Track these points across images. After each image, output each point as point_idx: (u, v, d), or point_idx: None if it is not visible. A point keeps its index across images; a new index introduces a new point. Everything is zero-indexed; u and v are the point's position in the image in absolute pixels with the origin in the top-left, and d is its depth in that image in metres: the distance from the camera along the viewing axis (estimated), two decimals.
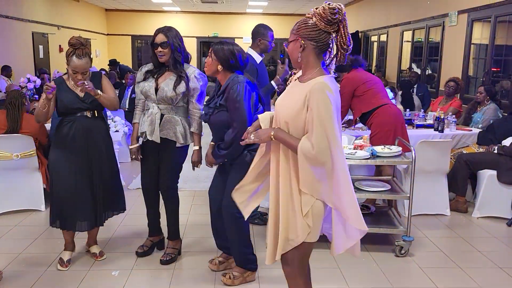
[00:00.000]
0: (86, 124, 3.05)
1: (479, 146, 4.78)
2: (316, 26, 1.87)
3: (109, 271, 3.15)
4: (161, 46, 2.97)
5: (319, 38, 1.89)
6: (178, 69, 3.04)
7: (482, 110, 5.34)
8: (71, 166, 3.04)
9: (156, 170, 3.23)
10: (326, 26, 1.87)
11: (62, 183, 3.03)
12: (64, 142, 3.04)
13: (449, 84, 5.75)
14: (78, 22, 13.36)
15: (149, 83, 3.08)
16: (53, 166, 3.09)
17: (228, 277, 2.97)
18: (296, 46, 1.93)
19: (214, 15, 16.50)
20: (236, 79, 2.71)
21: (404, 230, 3.46)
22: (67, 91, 3.02)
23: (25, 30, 10.09)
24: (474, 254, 3.55)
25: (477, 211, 4.34)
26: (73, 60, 2.92)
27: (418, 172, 4.28)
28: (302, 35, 1.90)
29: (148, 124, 3.08)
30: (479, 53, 6.73)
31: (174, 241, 3.35)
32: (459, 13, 6.92)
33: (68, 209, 3.05)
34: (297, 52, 1.92)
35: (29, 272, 3.11)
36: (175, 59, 3.02)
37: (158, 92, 3.04)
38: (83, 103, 3.03)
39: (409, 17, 8.91)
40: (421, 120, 5.36)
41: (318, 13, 1.87)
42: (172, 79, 3.04)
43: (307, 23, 1.89)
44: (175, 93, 3.01)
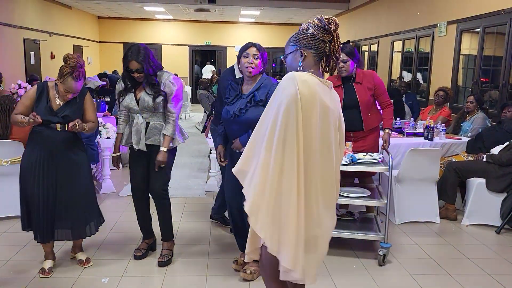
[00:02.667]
0: (54, 135, 3.00)
1: (468, 155, 4.83)
2: (315, 36, 1.96)
3: (99, 278, 3.12)
4: (136, 71, 3.06)
5: (318, 46, 1.97)
6: (152, 84, 3.11)
7: (471, 119, 5.40)
8: (39, 176, 3.00)
9: (145, 175, 3.30)
10: (324, 35, 1.96)
11: (28, 194, 3.02)
12: (33, 149, 3.03)
13: (439, 94, 5.82)
14: (70, 29, 13.33)
15: (129, 96, 3.16)
16: (23, 176, 3.06)
17: (249, 272, 3.05)
18: (296, 56, 2.00)
19: (206, 24, 16.56)
20: (269, 78, 3.02)
21: (382, 237, 3.47)
22: (44, 101, 2.99)
23: (17, 37, 10.05)
24: (464, 261, 3.57)
25: (466, 219, 4.38)
26: (68, 81, 2.92)
27: (408, 180, 4.33)
28: (302, 45, 1.98)
29: (134, 134, 3.16)
30: (467, 63, 6.82)
31: (169, 242, 3.41)
32: (448, 24, 7.02)
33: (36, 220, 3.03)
34: (298, 61, 1.99)
35: (16, 280, 3.08)
36: (149, 79, 3.10)
37: (140, 102, 3.13)
38: (54, 116, 2.99)
39: (399, 28, 9.02)
40: (411, 128, 5.42)
41: (315, 24, 1.97)
42: (148, 90, 3.13)
43: (306, 34, 1.97)
44: (155, 103, 3.11)
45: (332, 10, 12.90)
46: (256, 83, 2.96)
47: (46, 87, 3.03)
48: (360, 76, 3.81)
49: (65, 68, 2.93)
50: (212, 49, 17.10)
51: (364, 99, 3.76)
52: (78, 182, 3.11)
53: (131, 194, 4.83)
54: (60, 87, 2.96)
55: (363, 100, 3.77)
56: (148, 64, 3.06)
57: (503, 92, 5.76)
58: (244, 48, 2.98)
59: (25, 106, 3.00)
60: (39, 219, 3.03)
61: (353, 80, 3.79)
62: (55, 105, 3.01)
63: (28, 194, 3.03)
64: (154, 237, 3.53)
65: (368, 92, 3.78)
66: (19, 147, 4.05)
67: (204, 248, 3.66)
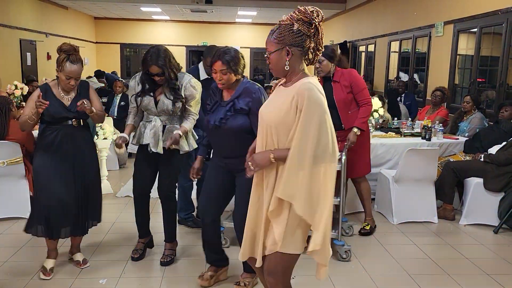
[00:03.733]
0: (71, 133, 3.03)
1: (465, 154, 4.84)
2: (300, 32, 1.88)
3: (97, 279, 3.11)
4: (157, 75, 3.03)
5: (304, 42, 1.90)
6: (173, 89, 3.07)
7: (468, 119, 5.41)
8: (56, 173, 3.00)
9: (151, 176, 3.29)
10: (309, 29, 1.88)
11: (47, 191, 2.99)
12: (48, 150, 3.00)
13: (436, 94, 5.83)
14: (66, 29, 13.29)
15: (148, 97, 3.12)
16: (37, 174, 3.04)
17: (243, 284, 2.93)
18: (282, 55, 1.92)
19: (203, 24, 16.55)
20: (251, 82, 2.73)
21: (336, 235, 3.46)
22: (53, 99, 2.97)
23: (13, 37, 10.01)
24: (462, 261, 3.57)
25: (464, 219, 4.38)
26: (67, 66, 2.90)
27: (406, 180, 4.33)
28: (287, 42, 1.90)
29: (151, 136, 3.12)
30: (464, 63, 6.84)
31: (172, 243, 3.41)
32: (445, 24, 7.04)
33: (54, 216, 3.00)
34: (284, 60, 1.92)
35: (14, 281, 3.06)
36: (170, 83, 3.07)
37: (158, 105, 3.09)
38: (69, 112, 3.00)
39: (396, 28, 9.03)
40: (409, 128, 5.42)
41: (300, 18, 1.87)
42: (167, 91, 3.09)
43: (291, 30, 1.88)
44: (175, 107, 3.09)
45: (329, 11, 12.91)
46: (236, 90, 2.71)
47: (49, 87, 3.02)
48: (338, 75, 3.79)
49: (61, 55, 2.93)
50: None
51: (340, 98, 3.75)
52: (94, 179, 3.17)
53: (128, 195, 4.90)
54: (61, 76, 2.94)
55: (339, 99, 3.75)
56: (170, 68, 3.01)
57: (500, 92, 5.77)
58: (212, 61, 2.67)
59: (31, 108, 2.92)
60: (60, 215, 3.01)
61: (331, 79, 3.80)
62: (65, 101, 3.00)
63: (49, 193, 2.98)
64: (151, 235, 3.52)
65: (344, 90, 3.75)
66: (16, 148, 4.03)
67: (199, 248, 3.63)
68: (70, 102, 3.02)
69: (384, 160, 4.83)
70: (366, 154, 4.02)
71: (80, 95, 3.06)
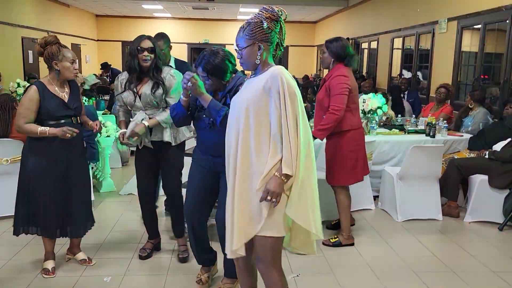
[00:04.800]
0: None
1: (470, 152, 4.82)
2: (269, 29, 2.06)
3: (101, 277, 3.10)
4: (147, 50, 3.01)
5: (272, 38, 2.08)
6: (155, 76, 3.06)
7: (472, 115, 5.40)
8: (53, 173, 2.97)
9: (153, 173, 3.28)
10: (275, 26, 2.08)
11: (43, 191, 2.96)
12: (46, 149, 2.95)
13: (440, 91, 5.80)
14: (68, 27, 13.27)
15: (130, 92, 3.11)
16: (34, 173, 2.98)
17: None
18: (254, 50, 2.09)
19: (205, 22, 16.51)
20: (242, 77, 2.61)
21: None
22: (52, 97, 2.92)
23: (15, 35, 10.00)
24: (467, 258, 3.56)
25: (468, 216, 4.36)
26: (66, 52, 2.90)
27: (411, 177, 4.31)
28: (259, 38, 2.06)
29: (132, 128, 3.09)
30: (468, 60, 6.80)
31: (183, 238, 3.41)
32: (449, 20, 7.00)
33: (48, 216, 2.99)
34: (256, 55, 2.09)
35: (19, 279, 3.05)
36: (157, 66, 3.06)
37: (142, 98, 3.08)
38: (69, 109, 2.97)
39: (399, 25, 9.00)
40: (413, 125, 5.40)
41: (268, 16, 2.06)
42: (149, 84, 3.08)
43: (261, 27, 2.05)
44: (155, 96, 3.05)
45: (331, 8, 12.88)
46: (227, 86, 2.62)
47: (44, 85, 2.94)
48: (329, 74, 3.66)
49: (52, 47, 2.89)
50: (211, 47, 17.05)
51: (319, 97, 3.66)
52: (87, 178, 3.16)
53: (132, 193, 4.89)
54: (65, 64, 2.90)
55: (318, 98, 3.68)
56: (159, 50, 3.06)
57: (504, 89, 5.74)
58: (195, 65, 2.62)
59: (32, 111, 2.89)
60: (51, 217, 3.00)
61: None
62: (63, 98, 2.97)
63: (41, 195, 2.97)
64: (159, 237, 3.51)
65: (324, 92, 3.60)
66: (19, 146, 4.00)
67: None
68: (68, 99, 2.98)
69: (388, 157, 4.82)
70: (345, 164, 3.60)
71: (73, 91, 3.04)
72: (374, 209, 4.64)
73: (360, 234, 3.94)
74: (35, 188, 2.99)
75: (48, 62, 2.92)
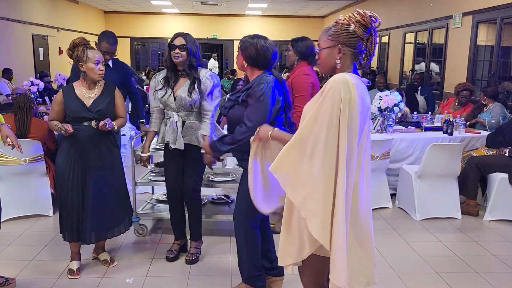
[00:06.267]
0: (91, 134, 2.98)
1: (488, 149, 4.76)
2: (356, 33, 1.85)
3: (123, 278, 3.10)
4: (179, 48, 3.00)
5: (357, 44, 1.87)
6: (192, 73, 3.05)
7: (488, 110, 5.34)
8: (76, 176, 2.97)
9: (180, 173, 3.26)
10: (363, 33, 1.85)
11: (66, 195, 2.97)
12: (69, 152, 2.97)
13: (463, 94, 5.73)
14: (77, 24, 13.29)
15: (167, 92, 3.09)
16: (58, 176, 3.02)
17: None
18: (334, 53, 1.88)
19: (213, 17, 16.46)
20: (264, 77, 2.52)
21: None
22: (74, 99, 2.95)
23: (25, 33, 10.02)
24: (489, 258, 3.52)
25: (488, 214, 4.32)
26: (90, 53, 2.91)
27: (429, 176, 4.27)
28: (341, 41, 1.86)
29: (171, 132, 3.11)
30: (484, 55, 6.72)
31: (197, 241, 3.40)
32: (463, 15, 6.92)
33: (74, 220, 2.99)
34: (335, 58, 1.88)
35: (42, 280, 3.06)
36: (190, 64, 3.03)
37: (177, 100, 3.06)
38: (88, 112, 2.96)
39: (411, 19, 8.91)
40: (429, 122, 5.35)
41: (357, 20, 1.84)
42: (187, 85, 3.07)
43: (347, 30, 1.85)
44: (191, 98, 3.03)
45: (340, 2, 12.78)
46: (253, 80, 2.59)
47: (72, 88, 3.00)
48: (292, 72, 3.69)
49: (78, 50, 2.91)
50: (219, 42, 17.01)
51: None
52: (113, 180, 3.12)
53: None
54: (90, 66, 2.90)
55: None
56: (194, 49, 3.03)
57: None
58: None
59: (55, 112, 2.97)
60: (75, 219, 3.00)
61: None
62: (87, 102, 2.97)
63: (63, 195, 2.99)
64: (186, 238, 3.49)
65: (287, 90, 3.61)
66: (38, 146, 4.02)
67: (225, 246, 3.63)
68: (91, 102, 2.98)
69: (406, 155, 4.78)
70: None
71: (105, 94, 3.04)
72: (391, 207, 4.61)
73: (379, 234, 3.91)
74: (59, 192, 3.01)
75: (76, 65, 2.95)
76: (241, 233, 2.70)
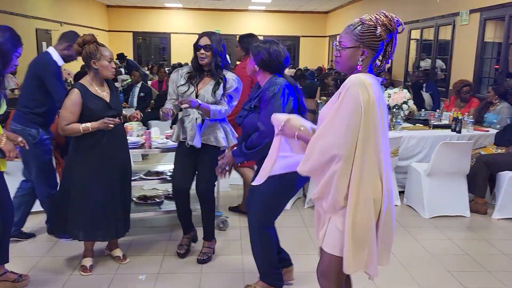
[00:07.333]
0: (116, 131, 2.97)
1: (497, 147, 4.76)
2: (381, 37, 1.82)
3: (136, 275, 3.10)
4: (204, 48, 2.99)
5: (379, 47, 1.85)
6: (218, 73, 3.04)
7: (496, 110, 5.31)
8: (101, 176, 2.96)
9: (191, 172, 3.25)
10: (387, 37, 1.83)
11: (89, 195, 2.94)
12: (93, 151, 2.94)
13: (464, 90, 5.71)
14: (80, 18, 13.23)
15: (190, 89, 3.08)
16: (80, 177, 2.95)
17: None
18: (357, 54, 1.85)
19: (216, 12, 16.40)
20: (274, 80, 2.54)
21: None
22: (95, 98, 2.90)
23: (29, 27, 9.98)
24: (501, 257, 3.52)
25: (497, 213, 4.32)
26: (103, 51, 2.88)
27: (439, 174, 4.27)
28: (366, 43, 1.83)
29: (190, 129, 3.09)
30: (492, 53, 6.69)
31: (210, 241, 3.38)
32: (471, 12, 6.89)
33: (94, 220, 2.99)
34: (357, 59, 1.86)
35: (55, 276, 3.06)
36: (216, 64, 3.02)
37: (199, 98, 3.04)
38: (111, 109, 2.95)
39: (417, 16, 8.87)
40: (437, 120, 5.33)
41: (384, 24, 1.81)
42: (211, 85, 3.06)
43: (374, 33, 1.81)
44: (214, 97, 3.02)
45: None
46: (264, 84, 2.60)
47: (85, 87, 2.92)
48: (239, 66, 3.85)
49: (89, 47, 2.87)
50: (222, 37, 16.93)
51: None
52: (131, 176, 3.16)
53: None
54: (103, 63, 2.87)
55: None
56: (219, 48, 3.00)
57: None
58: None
59: (75, 114, 2.85)
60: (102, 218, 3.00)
61: None
62: (105, 98, 2.95)
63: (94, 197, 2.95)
64: (194, 229, 3.48)
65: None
66: None
67: (238, 244, 3.63)
68: (109, 99, 2.97)
69: (414, 152, 4.77)
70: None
71: (112, 90, 3.03)
72: (400, 205, 4.61)
73: None
74: (84, 188, 2.95)
75: (87, 62, 2.90)
76: (256, 234, 2.69)
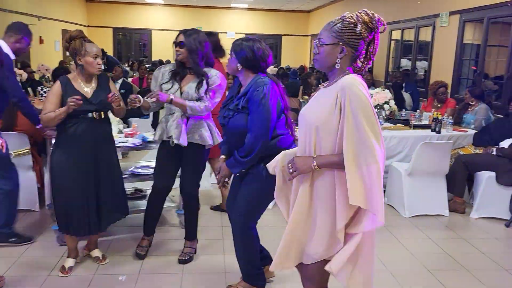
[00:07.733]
0: (92, 126, 2.92)
1: (475, 147, 4.85)
2: (361, 35, 1.80)
3: (116, 276, 3.05)
4: (179, 45, 2.96)
5: (359, 46, 1.82)
6: (198, 71, 3.00)
7: (474, 111, 5.41)
8: (77, 169, 2.90)
9: (173, 172, 3.22)
10: (368, 35, 1.81)
11: (68, 188, 2.90)
12: (68, 144, 2.90)
13: (440, 91, 5.81)
14: (58, 13, 12.95)
15: (174, 86, 3.03)
16: (57, 170, 2.92)
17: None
18: (336, 51, 1.82)
19: (198, 9, 16.27)
20: (261, 80, 2.47)
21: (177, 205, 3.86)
22: (73, 93, 2.86)
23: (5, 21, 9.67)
24: (477, 255, 3.59)
25: (475, 212, 4.40)
26: (88, 47, 2.84)
27: (419, 173, 4.32)
28: (345, 40, 1.81)
29: (175, 127, 3.03)
30: (470, 54, 6.81)
31: (192, 241, 3.35)
32: (450, 14, 6.99)
33: (74, 213, 2.93)
34: (336, 57, 1.83)
35: (32, 277, 2.99)
36: (194, 61, 2.97)
37: (183, 96, 3.00)
38: (90, 104, 2.90)
39: (398, 17, 8.97)
40: (417, 120, 5.40)
41: (365, 22, 1.79)
42: (195, 82, 3.02)
43: (353, 30, 1.79)
44: (198, 94, 2.99)
45: None
46: (247, 85, 2.52)
47: (68, 80, 2.91)
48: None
49: (75, 42, 2.84)
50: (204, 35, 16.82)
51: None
52: (117, 172, 3.10)
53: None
54: (88, 60, 2.84)
55: None
56: (195, 45, 2.92)
57: (507, 84, 5.77)
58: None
59: (54, 104, 2.84)
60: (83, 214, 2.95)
61: None
62: (87, 94, 2.90)
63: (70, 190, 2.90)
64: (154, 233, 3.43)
65: None
66: (24, 140, 3.92)
67: (220, 244, 3.61)
68: (92, 94, 2.92)
69: (395, 152, 4.81)
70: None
71: (101, 86, 2.98)
72: None
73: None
74: (61, 183, 2.91)
75: (73, 57, 2.87)
76: (240, 234, 2.67)
